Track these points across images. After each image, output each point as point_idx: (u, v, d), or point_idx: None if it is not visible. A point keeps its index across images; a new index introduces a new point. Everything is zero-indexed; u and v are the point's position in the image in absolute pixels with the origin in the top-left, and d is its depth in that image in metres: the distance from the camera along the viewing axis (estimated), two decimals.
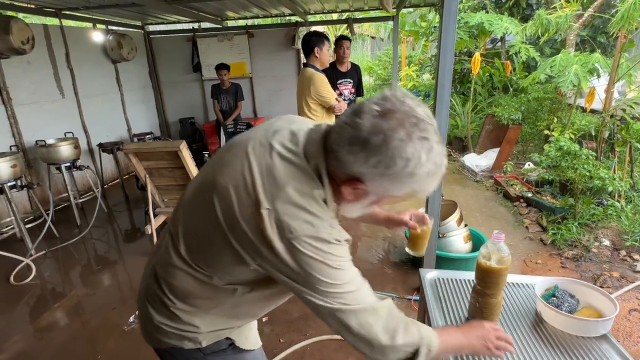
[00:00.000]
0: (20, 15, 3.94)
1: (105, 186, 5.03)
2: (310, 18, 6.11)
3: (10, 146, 3.60)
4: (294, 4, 4.66)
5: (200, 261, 0.77)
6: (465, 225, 2.70)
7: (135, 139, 5.03)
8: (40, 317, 2.44)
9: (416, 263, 2.78)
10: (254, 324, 1.05)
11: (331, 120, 2.95)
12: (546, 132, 4.43)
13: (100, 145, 4.50)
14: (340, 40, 3.53)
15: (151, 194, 3.12)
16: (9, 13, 3.69)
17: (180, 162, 2.86)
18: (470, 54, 6.55)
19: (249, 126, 5.11)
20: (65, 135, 4.00)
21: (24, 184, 3.22)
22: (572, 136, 3.94)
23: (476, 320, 0.97)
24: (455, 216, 2.64)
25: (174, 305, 0.82)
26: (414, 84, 8.13)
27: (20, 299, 2.66)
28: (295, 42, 5.58)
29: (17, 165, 3.11)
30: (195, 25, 5.93)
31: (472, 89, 5.51)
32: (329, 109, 2.83)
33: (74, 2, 3.87)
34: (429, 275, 1.34)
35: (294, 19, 6.17)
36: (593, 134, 3.65)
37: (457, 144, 5.90)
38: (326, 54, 2.83)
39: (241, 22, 6.18)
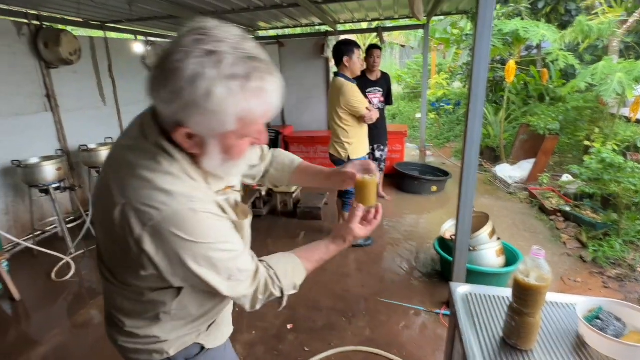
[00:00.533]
0: (69, 28, 4.22)
1: None
2: (340, 27, 6.16)
3: (56, 150, 3.83)
4: (325, 14, 4.72)
5: (119, 276, 0.77)
6: (498, 239, 2.60)
7: None
8: (78, 314, 2.55)
9: (445, 275, 2.70)
10: (223, 320, 1.01)
11: (364, 131, 2.93)
12: (586, 143, 4.21)
13: None
14: (371, 49, 3.53)
15: None
16: (59, 27, 3.95)
17: None
18: (503, 62, 6.37)
19: (277, 134, 5.19)
20: (105, 140, 4.22)
21: (67, 186, 3.41)
22: (616, 147, 3.72)
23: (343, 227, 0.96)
24: (487, 229, 2.56)
25: (125, 325, 0.82)
26: (444, 92, 7.99)
27: (59, 295, 2.80)
28: (325, 51, 5.64)
29: (61, 168, 3.30)
30: None
31: (505, 98, 5.35)
32: (360, 119, 2.81)
33: (117, 15, 4.10)
34: (461, 289, 1.30)
35: (323, 28, 6.25)
36: (639, 145, 3.43)
37: (489, 154, 5.72)
38: (357, 63, 2.82)
39: (272, 32, 6.33)
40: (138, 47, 5.10)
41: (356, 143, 2.88)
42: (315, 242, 0.94)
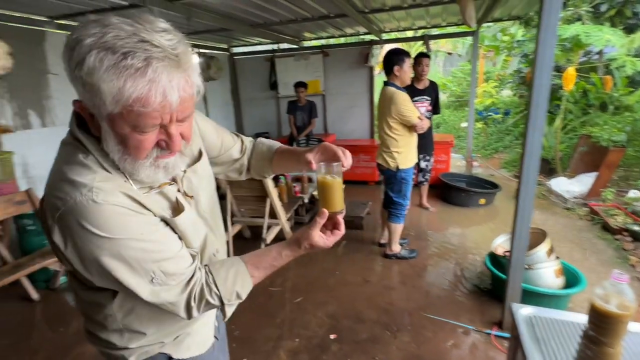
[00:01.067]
0: None
1: None
2: (385, 36, 6.13)
3: None
4: (370, 23, 4.72)
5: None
6: (557, 258, 2.43)
7: None
8: None
9: (496, 294, 2.55)
10: (200, 328, 0.94)
11: (413, 140, 2.89)
12: None
13: None
14: (420, 57, 3.47)
15: (230, 203, 3.32)
16: None
17: None
18: (559, 69, 6.00)
19: (319, 142, 5.22)
20: None
21: None
22: None
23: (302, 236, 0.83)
24: (544, 246, 2.39)
25: (87, 324, 0.84)
26: (492, 100, 7.66)
27: None
28: (369, 60, 5.63)
29: None
30: (275, 47, 6.31)
31: (562, 107, 5.02)
32: (411, 128, 2.77)
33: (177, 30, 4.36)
34: (524, 311, 1.21)
35: (368, 37, 6.25)
36: None
37: (543, 166, 5.37)
38: (407, 72, 2.79)
39: (317, 42, 6.43)
40: (198, 60, 5.38)
41: (405, 152, 2.83)
42: (268, 246, 0.84)
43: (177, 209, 0.76)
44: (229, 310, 0.79)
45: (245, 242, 3.64)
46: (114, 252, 0.63)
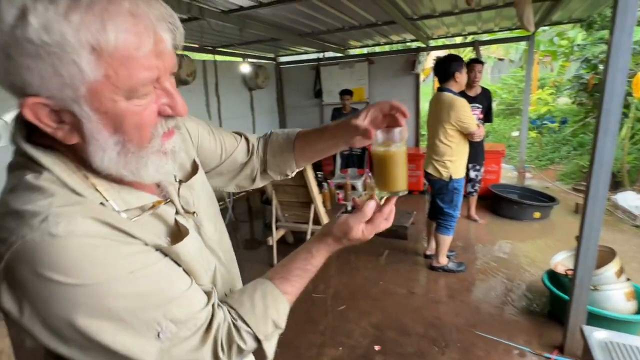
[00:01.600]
0: (187, 52, 4.83)
1: (235, 197, 5.68)
2: (432, 43, 6.01)
3: None
4: (418, 30, 4.65)
5: None
6: (627, 280, 2.21)
7: None
8: None
9: (556, 314, 2.36)
10: None
11: (466, 149, 2.80)
12: None
13: None
14: (473, 63, 3.36)
15: (275, 208, 3.38)
16: (179, 52, 4.55)
17: (303, 181, 3.04)
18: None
19: (363, 150, 5.21)
20: None
21: None
22: None
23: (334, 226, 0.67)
24: (613, 266, 2.19)
25: None
26: (548, 108, 7.21)
27: None
28: (416, 67, 5.53)
29: None
30: (320, 55, 6.41)
31: (630, 115, 4.61)
32: (467, 136, 2.69)
33: (228, 40, 4.57)
34: (598, 335, 1.11)
35: (415, 44, 6.16)
36: None
37: None
38: (464, 77, 2.74)
39: (361, 50, 6.44)
40: (245, 68, 5.61)
41: (459, 161, 2.75)
42: (293, 251, 0.67)
43: (177, 234, 0.57)
44: (270, 348, 0.59)
45: (287, 247, 3.68)
46: (94, 305, 0.43)
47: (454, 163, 2.73)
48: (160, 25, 0.45)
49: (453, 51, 8.91)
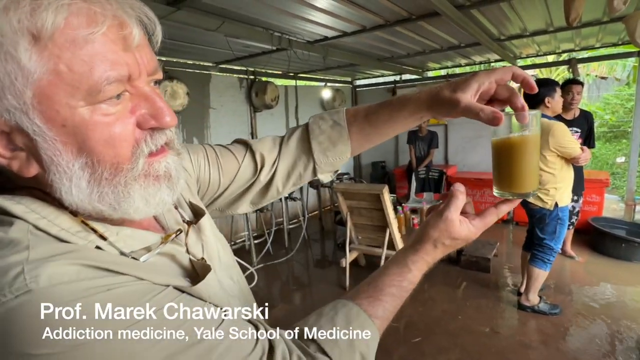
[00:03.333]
0: (271, 79, 5.22)
1: (307, 216, 5.85)
2: (520, 62, 5.64)
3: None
4: (504, 50, 4.41)
5: None
6: None
7: (335, 178, 5.70)
8: None
9: None
10: None
11: (571, 174, 2.59)
12: None
13: (309, 181, 5.30)
14: (570, 84, 3.08)
15: (349, 230, 3.40)
16: (263, 79, 4.93)
17: (379, 204, 3.03)
18: None
19: (441, 174, 5.01)
20: None
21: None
22: None
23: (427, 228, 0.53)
24: None
25: None
26: None
27: None
28: None
29: None
30: (397, 77, 6.41)
31: None
32: (570, 160, 2.50)
33: (310, 67, 4.83)
34: None
35: (499, 64, 5.84)
36: None
37: None
38: (559, 102, 2.58)
39: (438, 72, 6.29)
40: (326, 93, 5.88)
41: (564, 188, 2.54)
42: (380, 267, 0.54)
43: (194, 276, 0.46)
44: None
45: (360, 269, 3.66)
46: None
47: (559, 190, 2.52)
48: (125, 10, 0.36)
49: (545, 70, 8.26)
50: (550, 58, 5.53)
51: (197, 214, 0.55)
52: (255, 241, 4.45)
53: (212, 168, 0.64)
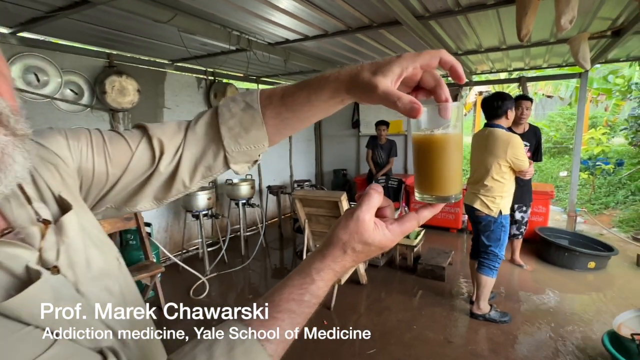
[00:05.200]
0: (232, 81, 5.05)
1: (266, 223, 5.69)
2: (475, 78, 5.90)
3: (209, 182, 4.47)
4: (461, 64, 4.58)
5: None
6: None
7: (296, 185, 5.60)
8: None
9: None
10: None
11: (514, 186, 2.71)
12: None
13: (269, 187, 5.17)
14: (520, 100, 3.23)
15: (307, 238, 3.31)
16: (224, 80, 4.76)
17: (337, 212, 2.98)
18: None
19: (400, 183, 5.08)
20: (246, 177, 4.76)
21: (213, 213, 3.90)
22: None
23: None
24: None
25: None
26: (602, 149, 6.77)
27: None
28: (458, 100, 5.42)
29: (211, 198, 3.81)
30: None
31: None
32: (518, 173, 2.63)
33: (272, 71, 4.73)
34: None
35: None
36: None
37: None
38: (513, 115, 2.73)
39: None
40: None
41: (508, 198, 2.67)
42: (284, 278, 0.44)
43: (23, 282, 0.37)
44: None
45: None
46: None
47: (504, 199, 2.65)
48: None
49: (498, 87, 8.75)
50: (503, 75, 5.84)
51: (64, 210, 0.46)
52: (209, 249, 4.24)
53: (97, 156, 0.53)
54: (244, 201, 4.37)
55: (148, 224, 3.38)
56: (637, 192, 5.94)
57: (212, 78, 4.50)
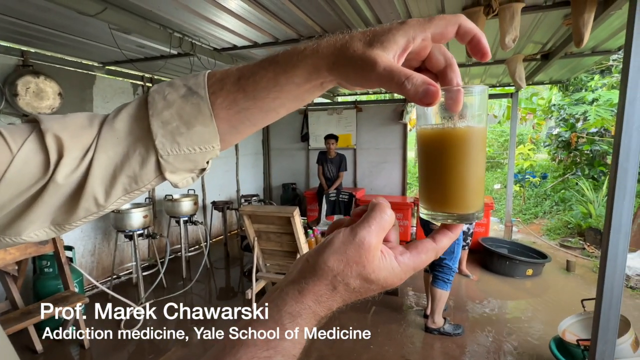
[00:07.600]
0: None
1: (211, 242, 5.31)
2: None
3: (145, 198, 4.05)
4: None
5: None
6: None
7: (243, 200, 5.32)
8: None
9: None
10: None
11: None
12: None
13: (214, 203, 4.83)
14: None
15: (256, 257, 3.09)
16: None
17: (289, 228, 2.81)
18: (602, 134, 5.77)
19: (350, 196, 5.05)
20: (188, 192, 4.40)
21: (149, 233, 3.50)
22: None
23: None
24: (628, 338, 2.00)
25: None
26: (530, 163, 7.41)
27: (124, 347, 2.70)
28: (403, 117, 5.59)
29: (147, 216, 3.42)
30: None
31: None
32: None
33: None
34: None
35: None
36: None
37: (592, 237, 4.94)
38: None
39: (350, 98, 6.53)
40: None
41: None
42: (248, 319, 0.33)
43: None
44: None
45: None
46: None
47: None
48: None
49: None
50: None
51: None
52: (145, 272, 3.80)
53: None
54: (186, 218, 4.02)
55: (69, 248, 2.93)
56: (561, 203, 6.54)
57: (151, 85, 4.14)
